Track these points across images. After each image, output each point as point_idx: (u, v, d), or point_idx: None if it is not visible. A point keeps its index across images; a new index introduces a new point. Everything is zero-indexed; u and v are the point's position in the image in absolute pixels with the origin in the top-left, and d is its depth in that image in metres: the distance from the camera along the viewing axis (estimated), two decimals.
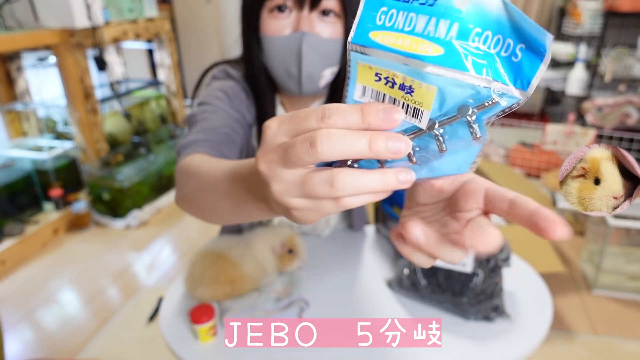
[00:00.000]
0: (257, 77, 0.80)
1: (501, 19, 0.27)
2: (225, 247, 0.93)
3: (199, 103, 0.80)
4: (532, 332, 0.82)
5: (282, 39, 0.72)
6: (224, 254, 0.91)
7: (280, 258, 0.94)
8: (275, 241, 0.95)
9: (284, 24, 0.72)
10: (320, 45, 0.72)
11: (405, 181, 0.29)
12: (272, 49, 0.74)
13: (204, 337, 0.82)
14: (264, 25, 0.73)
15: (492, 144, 3.29)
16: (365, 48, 0.30)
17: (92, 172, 2.56)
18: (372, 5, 0.30)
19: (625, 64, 2.88)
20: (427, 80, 0.28)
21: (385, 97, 0.30)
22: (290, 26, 0.72)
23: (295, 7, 0.71)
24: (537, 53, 0.27)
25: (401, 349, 0.79)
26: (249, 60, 0.79)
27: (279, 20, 0.72)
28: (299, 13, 0.71)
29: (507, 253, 0.87)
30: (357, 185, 0.28)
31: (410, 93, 0.29)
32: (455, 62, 0.27)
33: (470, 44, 0.28)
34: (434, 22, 0.28)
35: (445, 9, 0.27)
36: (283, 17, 0.72)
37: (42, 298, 1.97)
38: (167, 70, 3.16)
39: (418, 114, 0.29)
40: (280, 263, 0.94)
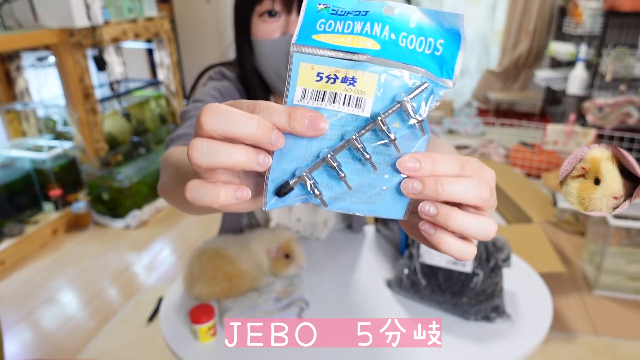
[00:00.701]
0: (250, 79, 0.83)
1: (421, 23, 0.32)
2: (223, 245, 0.93)
3: (194, 100, 0.83)
4: (532, 333, 0.82)
5: (272, 42, 0.76)
6: (221, 251, 0.91)
7: (275, 262, 0.93)
8: (271, 244, 0.94)
9: (273, 28, 0.75)
10: None
11: (263, 164, 0.31)
12: (263, 51, 0.77)
13: (203, 337, 0.82)
14: (254, 29, 0.76)
15: (492, 144, 3.29)
16: (310, 47, 0.32)
17: (91, 172, 2.56)
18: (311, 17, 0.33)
19: (626, 63, 2.87)
20: (369, 70, 0.32)
21: (325, 95, 0.32)
22: (279, 30, 0.75)
23: (284, 12, 0.74)
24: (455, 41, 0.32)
25: (401, 349, 0.79)
26: (241, 62, 0.83)
27: (268, 25, 0.75)
28: (287, 17, 0.74)
29: (507, 253, 0.87)
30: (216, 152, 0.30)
31: (353, 84, 0.32)
32: (392, 54, 0.32)
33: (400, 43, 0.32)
34: (369, 25, 0.32)
35: (377, 16, 0.32)
36: (272, 21, 0.75)
37: (41, 298, 1.96)
38: (166, 70, 3.16)
39: (361, 103, 0.32)
40: (274, 267, 0.93)
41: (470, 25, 4.49)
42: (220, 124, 0.30)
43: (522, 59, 4.20)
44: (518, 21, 4.11)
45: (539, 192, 2.40)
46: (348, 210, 0.34)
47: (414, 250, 0.91)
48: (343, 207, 0.34)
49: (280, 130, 0.31)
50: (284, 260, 0.93)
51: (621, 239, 1.86)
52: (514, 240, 1.09)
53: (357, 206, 0.34)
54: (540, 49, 4.16)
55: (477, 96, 4.47)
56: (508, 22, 4.21)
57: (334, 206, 0.34)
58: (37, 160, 2.49)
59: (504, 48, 4.27)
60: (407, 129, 0.33)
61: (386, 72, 0.32)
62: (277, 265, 0.93)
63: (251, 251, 0.94)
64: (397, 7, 0.32)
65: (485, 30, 4.46)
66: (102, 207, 2.60)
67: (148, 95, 3.17)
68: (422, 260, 0.88)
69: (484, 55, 4.56)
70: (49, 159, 2.50)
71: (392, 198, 0.33)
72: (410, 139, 0.33)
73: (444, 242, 0.33)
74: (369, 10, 0.32)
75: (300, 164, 0.33)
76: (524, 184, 2.43)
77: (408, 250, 0.94)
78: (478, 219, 0.32)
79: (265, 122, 0.30)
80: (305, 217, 1.06)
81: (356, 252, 1.11)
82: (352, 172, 0.33)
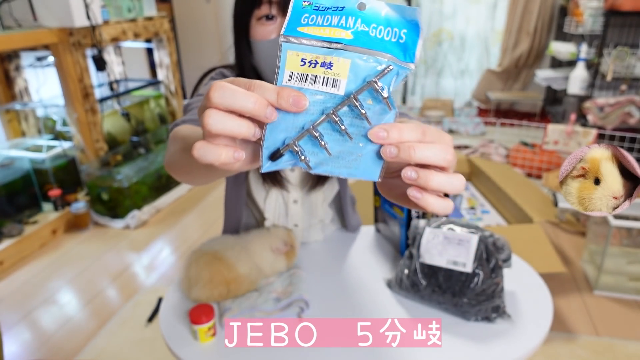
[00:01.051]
0: (248, 77, 0.89)
1: (388, 15, 0.39)
2: (221, 248, 0.92)
3: (197, 95, 0.91)
4: (532, 333, 0.82)
5: (269, 42, 0.83)
6: (219, 254, 0.90)
7: (288, 255, 0.96)
8: (274, 241, 0.96)
9: (270, 30, 0.83)
10: None
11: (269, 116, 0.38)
12: (261, 51, 0.85)
13: (203, 338, 0.81)
14: (253, 31, 0.84)
15: (492, 144, 3.28)
16: (296, 38, 0.39)
17: (91, 172, 2.55)
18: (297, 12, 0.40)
19: (627, 63, 2.87)
20: (343, 56, 0.38)
21: (307, 77, 0.39)
22: (276, 31, 0.83)
23: (280, 15, 0.82)
24: (415, 30, 0.39)
25: (401, 349, 0.79)
26: (240, 62, 0.90)
27: (266, 27, 0.83)
28: (282, 20, 0.82)
29: (508, 253, 0.86)
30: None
31: (330, 67, 0.39)
32: (363, 43, 0.39)
33: (370, 34, 0.39)
34: (344, 19, 0.39)
35: (351, 11, 0.39)
36: (269, 24, 0.83)
37: (40, 299, 1.96)
38: (166, 69, 3.15)
39: (337, 84, 0.39)
40: (289, 259, 0.97)
41: (471, 25, 4.49)
42: (226, 99, 0.37)
43: (523, 59, 4.20)
44: (519, 21, 4.11)
45: (540, 192, 2.40)
46: (331, 172, 0.40)
47: (414, 250, 0.90)
48: (326, 170, 0.40)
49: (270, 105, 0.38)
50: (292, 251, 0.97)
51: (622, 239, 1.85)
52: (515, 241, 1.08)
53: (338, 170, 0.40)
54: (540, 49, 4.15)
55: (477, 96, 4.47)
56: (509, 21, 4.20)
57: (318, 169, 0.40)
58: (36, 160, 2.48)
59: (505, 47, 4.27)
60: (378, 105, 0.39)
61: (359, 58, 0.39)
62: (290, 257, 0.97)
63: (251, 253, 0.93)
64: (368, 3, 0.39)
65: (485, 29, 4.46)
66: (102, 207, 2.59)
67: (147, 95, 3.17)
68: (422, 260, 0.88)
69: (485, 55, 4.55)
70: (48, 159, 2.50)
71: (367, 163, 0.40)
72: (380, 113, 0.39)
73: (429, 203, 0.40)
74: (345, 6, 0.39)
75: (289, 134, 0.39)
76: (525, 184, 2.43)
77: (408, 250, 0.93)
78: (450, 176, 0.39)
79: (261, 99, 0.37)
80: (301, 223, 1.09)
81: (356, 252, 1.11)
82: (333, 141, 0.39)
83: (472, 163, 2.61)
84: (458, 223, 0.90)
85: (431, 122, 4.08)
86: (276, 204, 1.06)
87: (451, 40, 4.58)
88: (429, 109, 4.25)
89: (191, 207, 2.78)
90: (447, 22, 4.52)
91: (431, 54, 4.66)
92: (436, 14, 4.51)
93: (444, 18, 4.51)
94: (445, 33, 4.57)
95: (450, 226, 0.89)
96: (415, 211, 1.01)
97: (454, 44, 4.58)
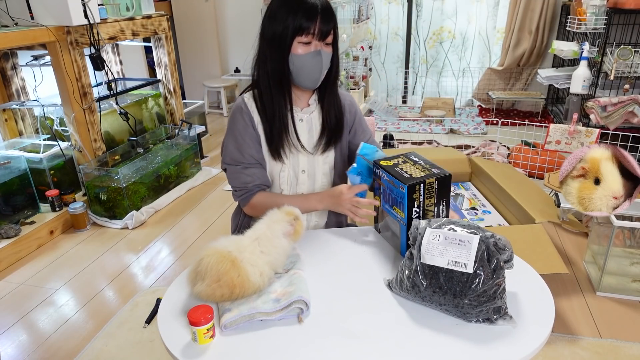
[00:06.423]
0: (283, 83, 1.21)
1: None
2: (237, 248, 0.90)
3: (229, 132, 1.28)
4: (534, 335, 0.81)
5: (309, 55, 1.17)
6: (232, 255, 0.88)
7: (296, 230, 0.99)
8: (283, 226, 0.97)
9: (309, 47, 1.17)
10: (327, 57, 1.21)
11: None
12: (303, 62, 1.17)
13: (202, 339, 0.80)
14: (294, 49, 1.16)
15: (494, 144, 3.26)
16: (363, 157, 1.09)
17: (88, 172, 2.54)
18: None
19: (630, 61, 2.85)
20: None
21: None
22: (313, 48, 1.17)
23: (315, 40, 1.17)
24: None
25: (401, 349, 0.78)
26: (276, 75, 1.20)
27: (306, 46, 1.17)
28: (316, 42, 1.17)
29: (509, 254, 0.85)
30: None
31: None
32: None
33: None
34: None
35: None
36: (308, 44, 1.17)
37: (38, 300, 1.94)
38: (164, 68, 3.14)
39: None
40: (296, 235, 1.00)
41: (472, 23, 4.46)
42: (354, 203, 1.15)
43: (525, 58, 4.17)
44: (520, 19, 4.09)
45: (542, 192, 2.37)
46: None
47: (415, 251, 0.89)
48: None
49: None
50: (298, 221, 1.00)
51: (625, 239, 1.83)
52: (516, 241, 1.06)
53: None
54: (542, 47, 4.13)
55: (478, 95, 4.45)
56: (510, 20, 4.18)
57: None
58: (34, 160, 2.47)
59: (506, 46, 4.25)
60: None
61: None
62: (297, 231, 1.00)
63: (267, 251, 0.93)
64: None
65: (487, 28, 4.44)
66: (100, 208, 2.58)
67: (146, 94, 3.15)
68: (423, 261, 0.86)
69: (486, 54, 4.53)
70: (46, 159, 2.48)
71: None
72: None
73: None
74: None
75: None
76: (526, 184, 2.40)
77: (409, 250, 0.92)
78: None
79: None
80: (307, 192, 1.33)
81: (356, 253, 1.11)
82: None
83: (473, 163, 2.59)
84: (459, 223, 0.88)
85: (432, 122, 4.06)
86: (288, 175, 1.28)
87: (452, 38, 4.56)
88: (429, 108, 4.23)
89: (189, 208, 2.76)
90: (448, 21, 4.50)
91: (432, 52, 4.64)
92: (437, 13, 4.49)
93: (445, 16, 4.49)
94: (446, 32, 4.55)
95: (451, 226, 0.87)
96: (415, 211, 1.00)
97: (455, 42, 4.56)
